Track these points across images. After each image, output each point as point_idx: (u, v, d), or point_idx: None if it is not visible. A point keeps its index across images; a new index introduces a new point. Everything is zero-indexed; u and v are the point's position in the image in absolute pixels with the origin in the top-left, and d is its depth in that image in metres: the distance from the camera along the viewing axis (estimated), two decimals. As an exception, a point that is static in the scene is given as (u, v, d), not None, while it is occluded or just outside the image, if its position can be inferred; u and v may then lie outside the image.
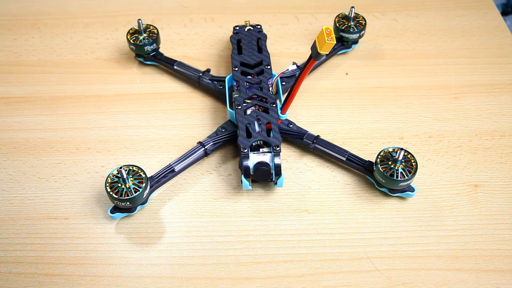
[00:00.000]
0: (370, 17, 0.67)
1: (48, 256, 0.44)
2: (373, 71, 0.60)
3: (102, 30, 0.66)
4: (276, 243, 0.45)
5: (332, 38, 0.42)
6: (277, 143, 0.46)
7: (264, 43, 0.56)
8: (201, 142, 0.50)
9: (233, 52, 0.55)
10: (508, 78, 0.59)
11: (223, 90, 0.55)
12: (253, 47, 0.56)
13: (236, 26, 0.58)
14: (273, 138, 0.47)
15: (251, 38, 0.57)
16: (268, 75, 0.53)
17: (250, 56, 0.55)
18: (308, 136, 0.50)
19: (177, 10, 0.69)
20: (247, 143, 0.46)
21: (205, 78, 0.56)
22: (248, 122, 0.48)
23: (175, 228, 0.46)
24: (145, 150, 0.52)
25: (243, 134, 0.47)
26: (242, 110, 0.49)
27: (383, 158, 0.46)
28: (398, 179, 0.45)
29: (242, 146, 0.46)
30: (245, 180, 0.46)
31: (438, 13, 0.68)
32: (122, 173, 0.43)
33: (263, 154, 0.46)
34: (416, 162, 0.46)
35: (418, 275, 0.43)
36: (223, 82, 0.55)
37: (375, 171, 0.46)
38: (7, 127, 0.55)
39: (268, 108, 0.49)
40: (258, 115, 0.49)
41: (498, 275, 0.43)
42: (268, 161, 0.46)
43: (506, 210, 0.47)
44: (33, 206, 0.48)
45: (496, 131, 0.54)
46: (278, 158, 0.46)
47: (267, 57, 0.54)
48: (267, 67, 0.53)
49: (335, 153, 0.49)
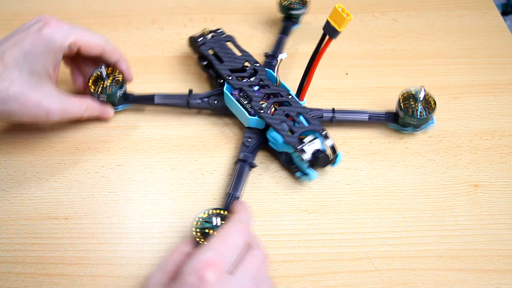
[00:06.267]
0: (370, 17, 0.67)
1: (48, 256, 0.44)
2: (373, 71, 0.60)
3: (102, 30, 0.66)
4: (276, 243, 0.45)
5: (348, 14, 0.43)
6: (320, 126, 0.47)
7: (236, 43, 0.55)
8: (241, 159, 0.49)
9: (214, 63, 0.53)
10: (508, 78, 0.59)
11: (218, 104, 0.52)
12: (229, 51, 0.54)
13: (198, 38, 0.56)
14: (312, 125, 0.48)
15: (221, 44, 0.55)
16: (263, 72, 0.52)
17: (232, 61, 0.53)
18: (325, 112, 0.52)
19: (177, 10, 0.69)
20: (295, 139, 0.46)
21: (194, 100, 0.53)
22: (281, 120, 0.48)
23: (175, 228, 0.46)
24: (145, 150, 0.52)
25: (285, 133, 0.47)
26: (267, 112, 0.49)
27: (405, 98, 0.51)
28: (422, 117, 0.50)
29: (293, 144, 0.46)
30: (313, 171, 0.47)
31: (438, 13, 0.68)
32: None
33: (312, 143, 0.47)
34: (434, 100, 0.51)
35: (418, 275, 0.43)
36: (216, 96, 0.53)
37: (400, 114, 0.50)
38: (7, 127, 0.54)
39: (286, 101, 0.50)
40: (284, 110, 0.49)
41: (498, 275, 0.43)
42: (320, 146, 0.47)
43: (506, 210, 0.47)
44: (33, 206, 0.48)
45: (496, 131, 0.54)
46: (328, 139, 0.47)
47: (249, 55, 0.54)
48: (256, 64, 0.53)
49: (357, 115, 0.52)
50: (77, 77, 0.54)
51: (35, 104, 0.45)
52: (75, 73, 0.54)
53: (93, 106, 0.51)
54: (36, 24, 0.46)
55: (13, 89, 0.44)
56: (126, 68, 0.53)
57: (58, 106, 0.47)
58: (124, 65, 0.53)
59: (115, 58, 0.51)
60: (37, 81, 0.45)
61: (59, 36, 0.46)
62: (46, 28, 0.45)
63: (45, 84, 0.46)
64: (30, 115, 0.45)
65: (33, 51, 0.45)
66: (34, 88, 0.45)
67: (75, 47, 0.47)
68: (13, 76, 0.44)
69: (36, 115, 0.46)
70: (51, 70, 0.47)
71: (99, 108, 0.52)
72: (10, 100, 0.44)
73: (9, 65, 0.44)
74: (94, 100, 0.51)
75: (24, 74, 0.44)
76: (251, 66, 0.53)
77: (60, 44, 0.46)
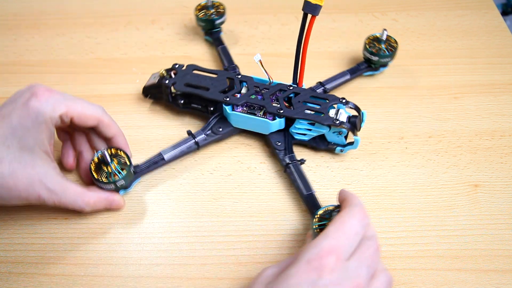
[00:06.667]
0: (370, 17, 0.67)
1: (48, 256, 0.44)
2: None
3: (102, 30, 0.66)
4: (276, 243, 0.45)
5: None
6: (337, 97, 0.50)
7: (202, 68, 0.53)
8: (289, 162, 0.49)
9: (202, 94, 0.51)
10: (508, 78, 0.59)
11: (224, 130, 0.51)
12: (204, 77, 0.52)
13: (162, 81, 0.52)
14: (332, 99, 0.49)
15: (191, 75, 0.52)
16: (251, 79, 0.52)
17: (216, 83, 0.51)
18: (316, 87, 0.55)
19: (177, 10, 0.69)
20: (329, 118, 0.48)
21: (201, 139, 0.51)
22: (303, 109, 0.49)
23: (175, 228, 0.46)
24: (145, 150, 0.52)
25: (318, 117, 0.48)
26: (286, 110, 0.49)
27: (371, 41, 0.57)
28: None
29: (330, 122, 0.48)
30: (355, 137, 0.49)
31: (438, 13, 0.68)
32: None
33: (340, 114, 0.48)
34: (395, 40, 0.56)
35: (418, 275, 0.43)
36: (218, 124, 0.51)
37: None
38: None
39: (292, 92, 0.51)
40: (299, 100, 0.50)
41: (498, 275, 0.43)
42: (346, 114, 0.49)
43: (506, 210, 0.47)
44: (33, 206, 0.48)
45: (496, 131, 0.54)
46: (349, 103, 0.49)
47: (224, 72, 0.53)
48: (238, 76, 0.52)
49: (340, 78, 0.56)
50: (68, 153, 0.48)
51: (26, 186, 0.40)
52: (66, 149, 0.48)
53: (98, 200, 0.44)
54: (24, 95, 0.42)
55: (1, 170, 0.39)
56: (125, 144, 0.47)
57: (52, 192, 0.41)
58: (122, 141, 0.47)
59: (111, 133, 0.46)
60: (29, 158, 0.41)
61: (48, 108, 0.41)
62: (34, 100, 0.41)
63: (40, 161, 0.41)
64: (20, 199, 0.41)
65: (22, 125, 0.40)
66: (26, 166, 0.40)
67: (67, 118, 0.42)
68: (1, 155, 0.39)
69: (26, 198, 0.41)
70: (44, 145, 0.42)
71: (105, 199, 0.45)
72: None
73: None
74: (99, 191, 0.45)
75: (13, 151, 0.40)
76: (236, 79, 0.52)
77: (49, 116, 0.41)
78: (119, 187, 0.46)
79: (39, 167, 0.41)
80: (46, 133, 0.42)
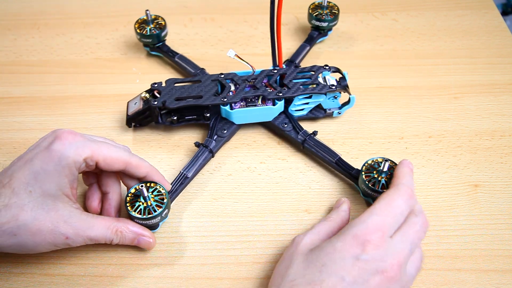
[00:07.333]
0: (370, 17, 0.67)
1: (48, 256, 0.44)
2: (373, 71, 0.60)
3: (102, 30, 0.66)
4: (276, 243, 0.45)
5: None
6: (320, 66, 0.53)
7: (183, 79, 0.52)
8: (304, 137, 0.51)
9: (198, 103, 0.50)
10: (508, 78, 0.59)
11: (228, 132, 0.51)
12: (191, 86, 0.51)
13: (152, 102, 0.50)
14: (317, 70, 0.52)
15: (176, 89, 0.51)
16: (235, 75, 0.52)
17: (204, 88, 0.51)
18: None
19: (177, 10, 0.69)
20: (323, 86, 0.51)
21: (212, 145, 0.51)
22: (298, 86, 0.51)
23: (175, 228, 0.46)
24: (145, 150, 0.52)
25: (315, 89, 0.51)
26: (285, 92, 0.51)
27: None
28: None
29: (327, 89, 0.51)
30: (352, 95, 0.52)
31: (438, 13, 0.68)
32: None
33: (329, 80, 0.52)
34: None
35: (418, 275, 0.43)
36: (222, 126, 0.52)
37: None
38: (7, 127, 0.55)
39: (278, 74, 0.52)
40: (290, 79, 0.51)
41: (498, 275, 0.43)
42: (333, 79, 0.53)
43: (506, 210, 0.47)
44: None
45: (496, 131, 0.54)
46: (332, 68, 0.53)
47: (208, 75, 0.52)
48: (221, 76, 0.52)
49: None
50: (93, 196, 0.45)
51: (51, 230, 0.39)
52: (92, 191, 0.46)
53: (126, 230, 0.42)
54: (47, 139, 0.41)
55: (23, 217, 0.38)
56: (161, 178, 0.45)
57: (79, 229, 0.40)
58: (158, 176, 0.45)
59: (143, 173, 0.44)
60: (52, 202, 0.39)
61: (72, 151, 0.40)
62: (57, 143, 0.40)
63: (62, 205, 0.40)
64: (47, 244, 0.39)
65: (44, 170, 0.39)
66: (49, 211, 0.39)
67: (92, 162, 0.41)
68: (23, 201, 0.38)
69: (53, 242, 0.39)
70: (67, 188, 0.40)
71: (134, 233, 0.43)
72: (20, 231, 0.38)
73: (17, 189, 0.39)
74: (127, 222, 0.43)
75: (36, 196, 0.39)
76: (221, 79, 0.51)
77: (73, 159, 0.40)
78: (154, 224, 0.44)
79: (62, 210, 0.40)
80: (69, 177, 0.40)
